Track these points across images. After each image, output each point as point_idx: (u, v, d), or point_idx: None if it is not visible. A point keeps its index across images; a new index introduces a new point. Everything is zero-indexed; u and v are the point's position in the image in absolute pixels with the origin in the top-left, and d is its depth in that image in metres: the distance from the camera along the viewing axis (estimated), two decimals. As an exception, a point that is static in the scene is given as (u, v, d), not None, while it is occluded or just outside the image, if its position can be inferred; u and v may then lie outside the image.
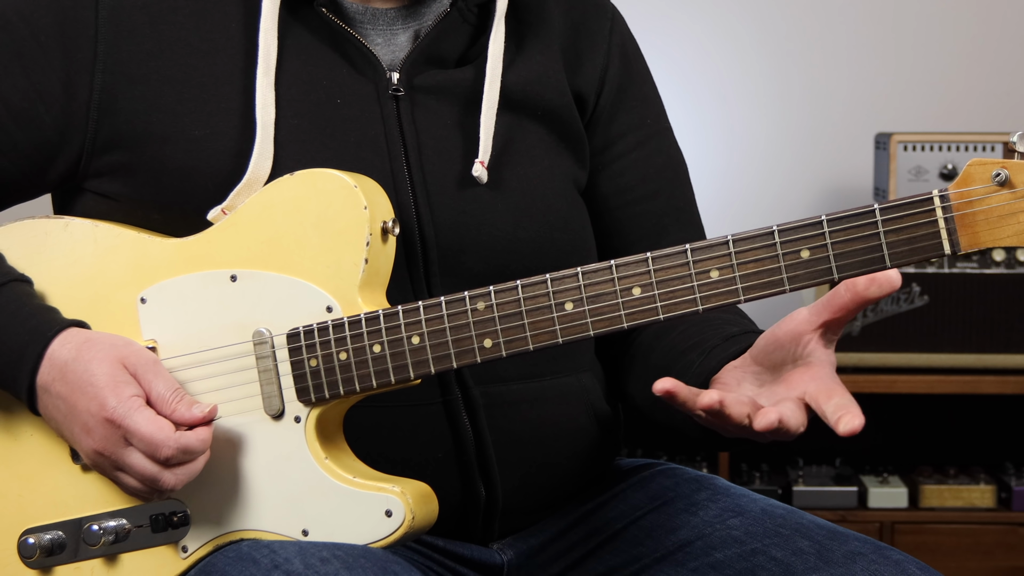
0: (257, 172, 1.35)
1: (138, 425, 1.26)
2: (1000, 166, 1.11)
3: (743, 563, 1.36)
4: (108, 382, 1.28)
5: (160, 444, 1.26)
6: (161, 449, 1.26)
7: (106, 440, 1.28)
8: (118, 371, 1.29)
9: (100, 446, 1.28)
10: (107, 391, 1.27)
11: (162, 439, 1.26)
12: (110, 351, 1.30)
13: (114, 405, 1.27)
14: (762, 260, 1.19)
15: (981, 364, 2.79)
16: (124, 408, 1.27)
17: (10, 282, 1.36)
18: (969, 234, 1.14)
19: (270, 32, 1.38)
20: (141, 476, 1.28)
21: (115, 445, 1.27)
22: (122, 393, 1.28)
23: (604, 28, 1.54)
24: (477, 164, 1.40)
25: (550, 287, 1.24)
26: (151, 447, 1.26)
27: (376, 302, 1.30)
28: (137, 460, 1.27)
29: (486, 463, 1.40)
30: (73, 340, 1.31)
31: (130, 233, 1.38)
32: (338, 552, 1.23)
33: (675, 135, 1.58)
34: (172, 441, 1.26)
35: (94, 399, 1.28)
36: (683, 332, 1.43)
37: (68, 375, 1.30)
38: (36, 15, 1.39)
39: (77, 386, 1.29)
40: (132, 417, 1.26)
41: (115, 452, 1.28)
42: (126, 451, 1.27)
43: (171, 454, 1.26)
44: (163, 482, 1.27)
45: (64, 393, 1.30)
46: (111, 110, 1.38)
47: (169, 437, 1.26)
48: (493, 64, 1.44)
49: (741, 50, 3.23)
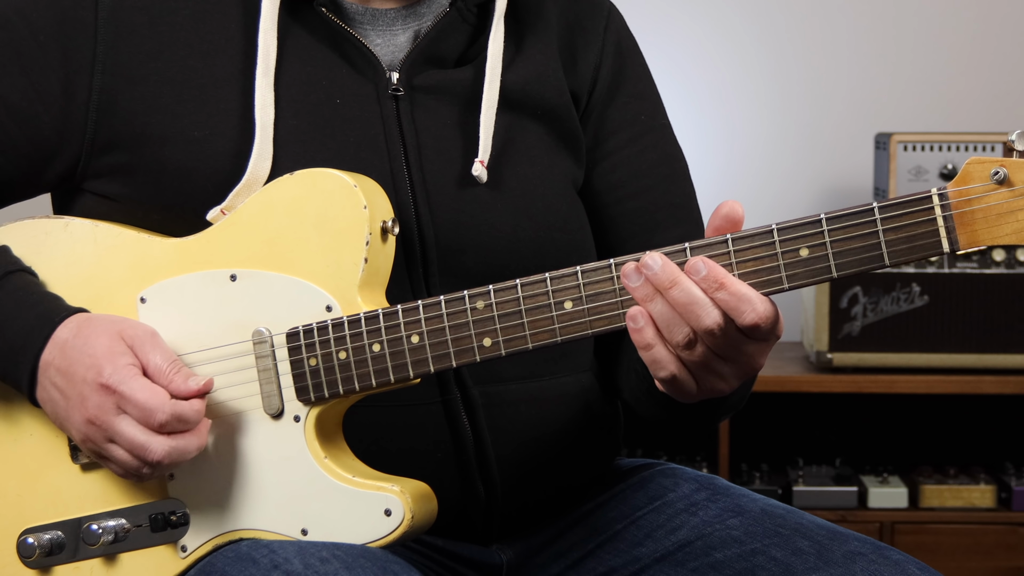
0: (256, 173, 1.35)
1: (133, 391, 1.27)
2: (999, 164, 1.11)
3: (743, 563, 1.36)
4: (105, 352, 1.29)
5: (155, 409, 1.26)
6: (155, 414, 1.26)
7: (99, 408, 1.28)
8: (116, 342, 1.30)
9: (93, 414, 1.28)
10: (104, 360, 1.28)
11: (156, 404, 1.26)
12: (109, 326, 1.31)
13: (110, 372, 1.27)
14: (761, 258, 1.19)
15: (981, 364, 2.79)
16: (119, 375, 1.27)
17: (16, 271, 1.37)
18: (968, 232, 1.14)
19: (269, 33, 1.38)
20: (131, 444, 1.27)
21: (107, 413, 1.27)
22: (118, 362, 1.28)
23: (599, 26, 1.54)
24: (477, 164, 1.40)
25: (549, 286, 1.24)
26: (145, 412, 1.26)
27: (376, 302, 1.30)
28: (128, 428, 1.27)
29: (485, 463, 1.40)
30: (74, 321, 1.32)
31: (130, 233, 1.38)
32: (338, 552, 1.24)
33: (674, 132, 1.58)
34: (168, 406, 1.26)
35: (91, 368, 1.28)
36: None
37: (67, 350, 1.30)
38: (36, 15, 1.39)
39: (75, 358, 1.29)
40: (128, 383, 1.27)
41: (107, 420, 1.28)
42: (118, 419, 1.27)
43: (165, 419, 1.26)
44: (151, 451, 1.26)
45: (63, 367, 1.30)
46: (110, 111, 1.38)
47: (164, 402, 1.26)
48: (492, 64, 1.44)
49: (741, 50, 3.23)
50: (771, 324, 1.17)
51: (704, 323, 1.16)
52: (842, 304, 2.79)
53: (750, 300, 1.16)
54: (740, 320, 1.16)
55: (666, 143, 1.56)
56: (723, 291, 1.16)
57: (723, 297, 1.16)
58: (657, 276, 1.18)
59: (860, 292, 2.79)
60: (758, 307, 1.16)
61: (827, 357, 2.80)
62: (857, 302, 2.79)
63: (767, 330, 1.17)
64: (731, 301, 1.16)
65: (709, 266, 1.17)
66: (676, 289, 1.17)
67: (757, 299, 1.16)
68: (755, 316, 1.16)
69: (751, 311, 1.16)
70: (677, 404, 1.31)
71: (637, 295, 1.19)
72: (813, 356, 2.85)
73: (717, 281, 1.17)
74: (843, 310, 2.79)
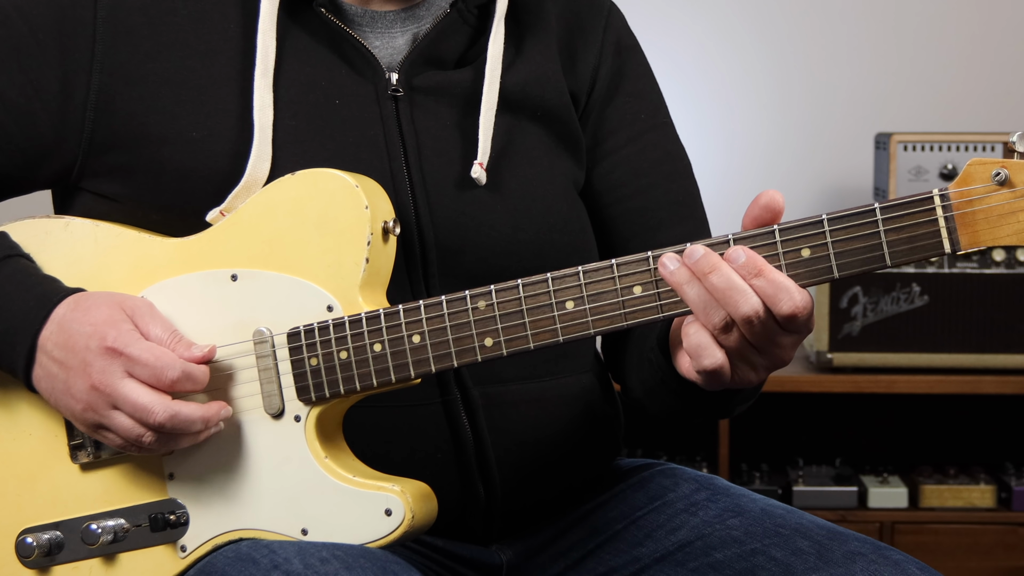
0: (255, 174, 1.34)
1: (141, 352, 1.27)
2: (1000, 165, 1.12)
3: (743, 563, 1.36)
4: (107, 319, 1.29)
5: (166, 366, 1.26)
6: (167, 371, 1.26)
7: (103, 372, 1.27)
8: (116, 311, 1.30)
9: (96, 379, 1.28)
10: (106, 326, 1.28)
11: (168, 361, 1.27)
12: (107, 297, 1.32)
13: (115, 335, 1.28)
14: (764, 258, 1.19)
15: (981, 364, 2.79)
16: (125, 338, 1.28)
17: (14, 256, 1.37)
18: (969, 233, 1.14)
19: (268, 34, 1.38)
20: (134, 406, 1.27)
21: (113, 375, 1.27)
22: (121, 327, 1.28)
23: (598, 25, 1.54)
24: (476, 166, 1.40)
25: (551, 286, 1.24)
26: (156, 370, 1.26)
27: (376, 302, 1.30)
28: (133, 389, 1.27)
29: (485, 464, 1.40)
30: (72, 298, 1.33)
31: (131, 233, 1.38)
32: (337, 552, 1.23)
33: (676, 131, 1.57)
34: (179, 363, 1.27)
35: (93, 336, 1.28)
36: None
37: (66, 324, 1.30)
38: (35, 13, 1.39)
39: (75, 329, 1.29)
40: (135, 344, 1.27)
41: (111, 383, 1.27)
42: (123, 381, 1.27)
43: (177, 376, 1.26)
44: (155, 412, 1.26)
45: (61, 341, 1.30)
46: (108, 111, 1.38)
47: (175, 360, 1.27)
48: (492, 65, 1.44)
49: (741, 50, 3.23)
50: (807, 315, 1.17)
51: (742, 310, 1.16)
52: (842, 304, 2.79)
53: (788, 289, 1.16)
54: (777, 309, 1.16)
55: (667, 141, 1.55)
56: (761, 278, 1.16)
57: (761, 285, 1.16)
58: (698, 263, 1.18)
59: (860, 292, 2.79)
60: (795, 296, 1.16)
61: (827, 357, 2.80)
62: (857, 302, 2.79)
63: (803, 321, 1.17)
64: (769, 289, 1.16)
65: (749, 254, 1.17)
66: (715, 274, 1.17)
67: (795, 289, 1.17)
68: (792, 305, 1.16)
69: (788, 300, 1.16)
70: (694, 394, 1.32)
71: (673, 279, 1.19)
72: (813, 356, 2.85)
73: (756, 268, 1.17)
74: (843, 310, 2.79)
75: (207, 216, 1.35)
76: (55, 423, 1.38)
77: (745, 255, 1.17)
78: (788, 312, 1.16)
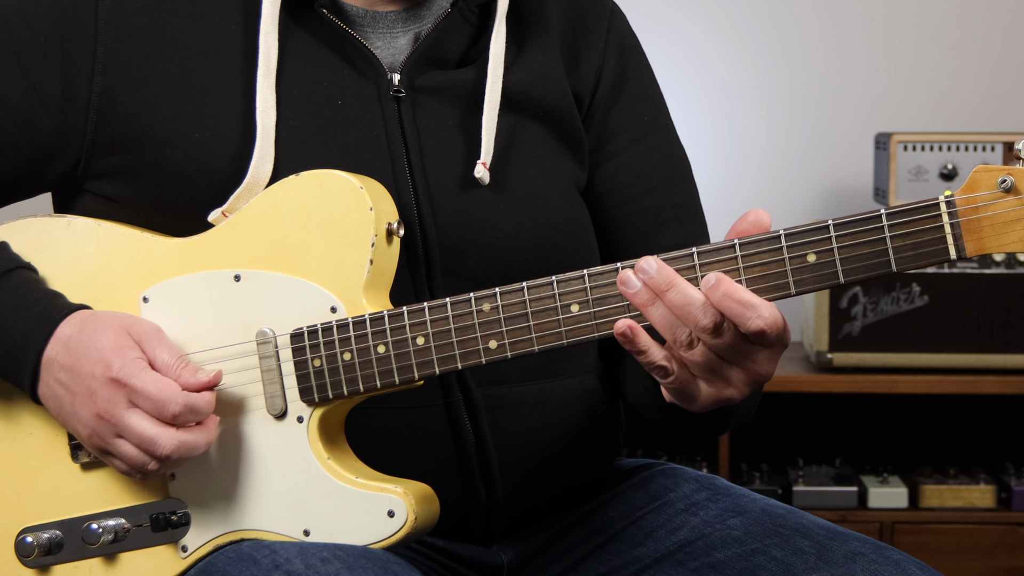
0: (257, 175, 1.35)
1: (144, 384, 1.26)
2: (1006, 173, 1.12)
3: (743, 563, 1.36)
4: (112, 346, 1.28)
5: (168, 400, 1.26)
6: (168, 405, 1.26)
7: (108, 402, 1.27)
8: (122, 337, 1.30)
9: (102, 408, 1.28)
10: (112, 354, 1.28)
11: (169, 395, 1.26)
12: (114, 321, 1.31)
13: (119, 365, 1.27)
14: (768, 264, 1.19)
15: (981, 364, 2.79)
16: (129, 368, 1.27)
17: (17, 268, 1.37)
18: (975, 240, 1.14)
19: (270, 35, 1.38)
20: (140, 438, 1.27)
21: (117, 406, 1.27)
22: (127, 355, 1.28)
23: (601, 26, 1.54)
24: (479, 166, 1.39)
25: (556, 289, 1.24)
26: (158, 404, 1.26)
27: (380, 303, 1.30)
28: (137, 421, 1.27)
29: (487, 465, 1.40)
30: (77, 317, 1.32)
31: (133, 232, 1.38)
32: (339, 552, 1.24)
33: (677, 133, 1.57)
34: (181, 397, 1.26)
35: (99, 362, 1.28)
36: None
37: (72, 346, 1.30)
38: (36, 16, 1.39)
39: (81, 353, 1.29)
40: (138, 376, 1.27)
41: (116, 414, 1.27)
42: (128, 412, 1.27)
43: (179, 410, 1.26)
44: (161, 445, 1.26)
45: (68, 363, 1.30)
46: (110, 112, 1.38)
47: (177, 393, 1.27)
48: (495, 65, 1.44)
49: (741, 50, 3.23)
50: (778, 330, 1.17)
51: (702, 323, 1.16)
52: (842, 304, 2.79)
53: (755, 307, 1.16)
54: (746, 327, 1.16)
55: (669, 144, 1.55)
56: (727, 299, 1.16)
57: (728, 304, 1.16)
58: (653, 280, 1.18)
59: (860, 292, 2.79)
60: (764, 313, 1.16)
61: (827, 357, 2.80)
62: (857, 302, 2.79)
63: (775, 336, 1.17)
64: (736, 308, 1.16)
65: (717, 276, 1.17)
66: (672, 291, 1.17)
67: (763, 305, 1.16)
68: (761, 322, 1.16)
69: (756, 317, 1.16)
70: (686, 414, 1.31)
71: (637, 301, 1.19)
72: (813, 356, 2.85)
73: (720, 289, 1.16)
74: (843, 310, 2.80)
75: (209, 217, 1.35)
76: (56, 423, 1.37)
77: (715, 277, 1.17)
78: (756, 329, 1.16)
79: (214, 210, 1.35)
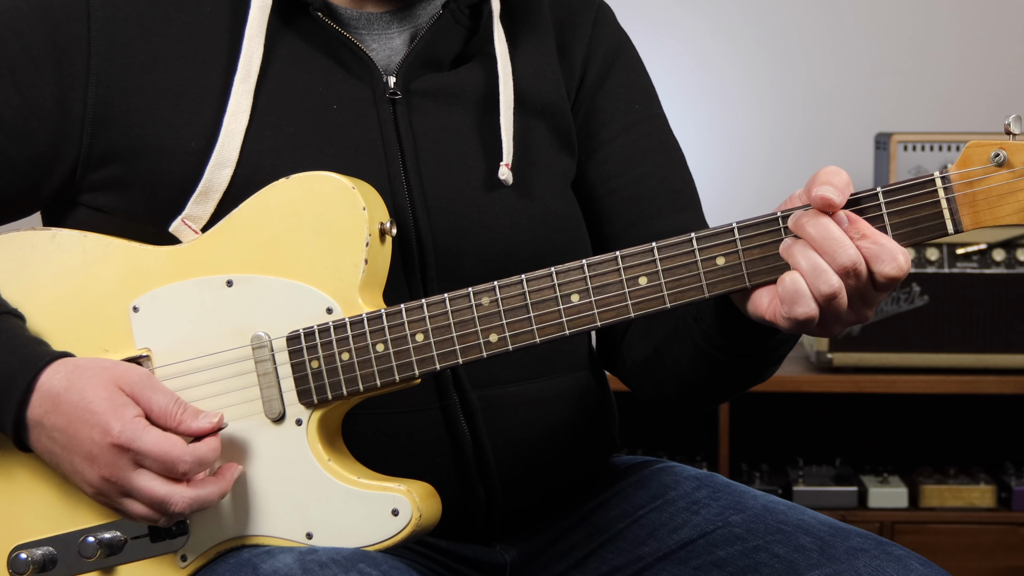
0: (213, 179, 1.34)
1: (149, 446, 1.24)
2: (999, 147, 1.14)
3: (745, 560, 1.36)
4: (107, 407, 1.26)
5: (176, 459, 1.24)
6: (178, 464, 1.24)
7: (113, 466, 1.26)
8: (115, 394, 1.27)
9: (107, 472, 1.26)
10: (109, 416, 1.25)
11: (178, 454, 1.24)
12: (102, 374, 1.28)
13: (119, 429, 1.25)
14: (767, 245, 1.20)
15: (981, 364, 2.79)
16: (131, 431, 1.25)
17: (3, 314, 1.34)
18: (970, 213, 1.16)
19: (255, 39, 1.37)
20: (150, 499, 1.25)
21: (122, 470, 1.25)
22: (125, 416, 1.25)
23: (588, 20, 1.54)
24: (502, 167, 1.39)
25: (555, 279, 1.24)
26: (168, 463, 1.24)
27: (375, 303, 1.30)
28: (146, 482, 1.25)
29: (484, 466, 1.40)
30: (62, 369, 1.29)
31: (120, 242, 1.36)
32: (337, 556, 1.23)
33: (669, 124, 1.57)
34: (188, 455, 1.25)
35: (96, 426, 1.25)
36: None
37: (63, 405, 1.27)
38: (28, 29, 1.38)
39: (75, 416, 1.26)
40: (142, 439, 1.25)
41: (123, 477, 1.26)
42: (135, 474, 1.25)
43: (188, 468, 1.25)
44: (173, 504, 1.25)
45: (61, 425, 1.27)
46: (105, 123, 1.37)
47: (184, 451, 1.25)
48: (503, 65, 1.43)
49: (742, 50, 3.23)
50: (904, 276, 1.18)
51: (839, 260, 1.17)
52: (842, 304, 2.79)
53: (892, 251, 1.17)
54: (880, 269, 1.16)
55: (661, 131, 1.55)
56: (866, 240, 1.17)
57: (866, 245, 1.17)
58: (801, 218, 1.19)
59: (860, 292, 2.78)
60: (899, 259, 1.16)
61: (827, 357, 2.80)
62: (857, 302, 2.79)
63: (899, 282, 1.18)
64: (873, 249, 1.17)
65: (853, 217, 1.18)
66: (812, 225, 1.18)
67: (899, 251, 1.17)
68: (896, 267, 1.16)
69: (892, 261, 1.16)
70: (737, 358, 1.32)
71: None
72: (813, 356, 2.85)
73: (859, 231, 1.17)
74: (843, 310, 2.79)
75: (170, 227, 1.34)
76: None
77: (848, 219, 1.18)
78: (890, 274, 1.16)
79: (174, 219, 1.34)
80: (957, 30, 3.21)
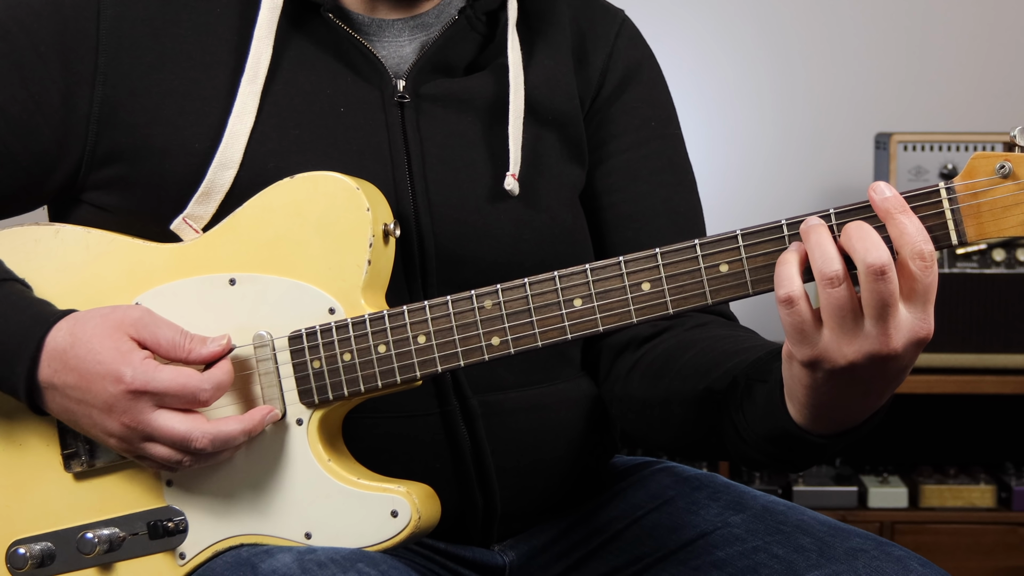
0: (216, 180, 1.34)
1: (165, 383, 1.25)
2: (1004, 159, 1.14)
3: (745, 560, 1.36)
4: (115, 355, 1.26)
5: (196, 389, 1.25)
6: (199, 394, 1.25)
7: (131, 411, 1.25)
8: (120, 340, 1.27)
9: (127, 419, 1.26)
10: (118, 363, 1.25)
11: (196, 384, 1.25)
12: (103, 322, 1.28)
13: (132, 375, 1.25)
14: (771, 253, 1.19)
15: (981, 364, 2.79)
16: (143, 375, 1.25)
17: (8, 280, 1.35)
18: (975, 224, 1.15)
19: (264, 41, 1.37)
20: (172, 438, 1.25)
21: (141, 413, 1.25)
22: (133, 360, 1.26)
23: (610, 32, 1.53)
24: (508, 177, 1.38)
25: (558, 284, 1.24)
26: (187, 395, 1.25)
27: (377, 304, 1.30)
28: (167, 421, 1.25)
29: (484, 472, 1.40)
30: (65, 326, 1.29)
31: (123, 239, 1.36)
32: (336, 556, 1.23)
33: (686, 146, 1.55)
34: (206, 382, 1.25)
35: (107, 376, 1.25)
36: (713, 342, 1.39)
37: (71, 361, 1.27)
38: (36, 26, 1.38)
39: (85, 369, 1.26)
40: (156, 379, 1.25)
41: (142, 420, 1.25)
42: (153, 415, 1.25)
43: (209, 396, 1.25)
44: (195, 440, 1.25)
45: (72, 381, 1.27)
46: (111, 122, 1.37)
47: (201, 379, 1.25)
48: (515, 74, 1.43)
49: (742, 50, 3.23)
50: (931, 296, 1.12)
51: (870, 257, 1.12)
52: (842, 304, 2.79)
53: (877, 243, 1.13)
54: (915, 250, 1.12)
55: (674, 152, 1.54)
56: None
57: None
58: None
59: (860, 292, 2.78)
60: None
61: (827, 357, 2.80)
62: (857, 302, 2.79)
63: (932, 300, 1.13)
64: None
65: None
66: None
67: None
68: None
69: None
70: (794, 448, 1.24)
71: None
72: (813, 356, 2.85)
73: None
74: (843, 310, 2.79)
75: (172, 225, 1.34)
76: (47, 432, 1.37)
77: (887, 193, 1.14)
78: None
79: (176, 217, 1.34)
80: (957, 30, 3.21)
